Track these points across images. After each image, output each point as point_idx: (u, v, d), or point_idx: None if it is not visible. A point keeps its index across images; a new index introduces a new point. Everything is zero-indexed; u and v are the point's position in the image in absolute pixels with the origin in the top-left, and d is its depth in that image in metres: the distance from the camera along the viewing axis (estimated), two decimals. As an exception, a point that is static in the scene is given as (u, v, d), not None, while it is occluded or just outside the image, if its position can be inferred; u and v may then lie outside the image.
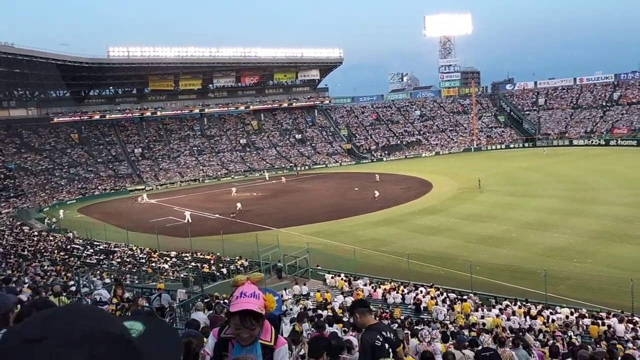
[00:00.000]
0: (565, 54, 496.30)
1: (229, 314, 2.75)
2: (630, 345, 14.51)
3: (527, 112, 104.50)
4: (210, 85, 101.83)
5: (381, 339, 4.27)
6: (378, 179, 61.70)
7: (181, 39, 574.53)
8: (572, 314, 18.42)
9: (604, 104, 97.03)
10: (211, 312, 11.18)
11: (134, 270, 27.79)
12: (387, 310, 18.72)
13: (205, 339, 3.71)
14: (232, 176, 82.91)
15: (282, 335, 3.17)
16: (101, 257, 31.95)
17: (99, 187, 74.73)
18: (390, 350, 4.28)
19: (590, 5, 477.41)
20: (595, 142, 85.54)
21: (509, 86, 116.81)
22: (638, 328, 16.67)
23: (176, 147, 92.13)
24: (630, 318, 17.69)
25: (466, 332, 13.96)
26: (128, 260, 30.97)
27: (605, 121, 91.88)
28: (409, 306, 20.82)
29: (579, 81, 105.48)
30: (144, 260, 30.74)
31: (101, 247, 36.33)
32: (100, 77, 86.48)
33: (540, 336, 15.28)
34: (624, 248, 28.05)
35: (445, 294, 21.83)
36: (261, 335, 2.76)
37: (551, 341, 13.56)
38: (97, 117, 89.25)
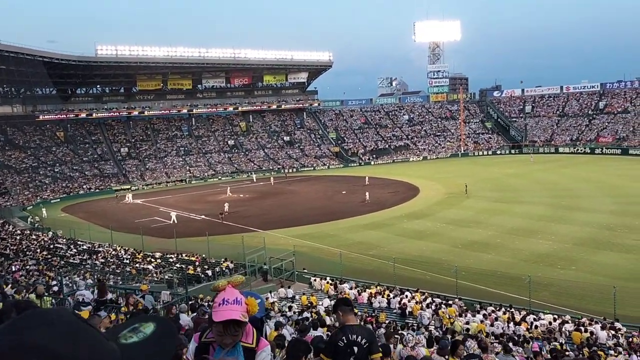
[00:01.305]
0: (552, 62, 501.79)
1: (211, 321, 2.70)
2: (612, 352, 14.63)
3: (514, 119, 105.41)
4: (199, 86, 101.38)
5: (345, 341, 4.12)
6: (368, 182, 61.83)
7: (170, 39, 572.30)
8: (555, 320, 18.55)
9: (590, 112, 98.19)
10: (195, 314, 11.07)
11: (118, 271, 27.50)
12: (373, 315, 18.69)
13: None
14: (220, 177, 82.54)
15: (265, 337, 3.12)
16: (85, 257, 31.58)
17: (84, 186, 73.94)
18: (357, 354, 4.13)
19: (577, 15, 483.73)
20: (581, 150, 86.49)
21: (496, 93, 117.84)
22: (620, 335, 16.83)
23: (163, 147, 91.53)
24: (612, 325, 17.85)
25: (450, 337, 13.97)
26: (112, 260, 30.66)
27: (591, 129, 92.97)
28: (394, 310, 20.82)
29: (565, 89, 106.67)
30: (127, 261, 30.45)
31: (85, 247, 35.91)
32: (88, 76, 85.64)
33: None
34: (607, 255, 28.36)
35: (430, 298, 21.88)
36: (243, 338, 2.71)
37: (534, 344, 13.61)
38: (83, 115, 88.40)
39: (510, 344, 12.48)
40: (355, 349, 4.11)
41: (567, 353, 13.36)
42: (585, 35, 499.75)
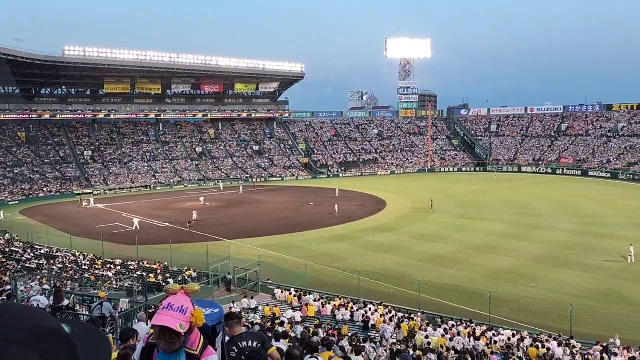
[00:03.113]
0: (518, 84, 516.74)
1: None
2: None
3: (479, 138, 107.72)
4: (168, 91, 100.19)
5: (236, 350, 4.25)
6: (338, 195, 62.03)
7: (141, 43, 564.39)
8: (514, 336, 18.85)
9: (552, 133, 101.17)
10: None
11: (76, 277, 26.71)
12: (336, 327, 18.64)
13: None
14: (186, 185, 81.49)
15: (216, 346, 3.06)
16: (42, 262, 30.59)
17: (44, 189, 71.90)
18: (252, 356, 4.24)
19: (542, 39, 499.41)
20: (543, 170, 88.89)
21: (463, 111, 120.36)
22: (575, 352, 17.21)
23: (128, 151, 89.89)
24: (568, 342, 18.25)
25: (412, 351, 14.05)
26: (70, 266, 29.78)
27: (553, 150, 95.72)
28: (358, 323, 20.82)
29: (529, 110, 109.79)
30: (86, 267, 29.64)
31: (42, 251, 34.82)
32: (54, 76, 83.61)
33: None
34: (565, 273, 29.10)
35: (393, 312, 21.97)
36: (188, 344, 2.65)
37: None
38: (47, 116, 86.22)
39: (469, 358, 12.62)
40: (247, 352, 4.27)
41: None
42: (550, 58, 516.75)
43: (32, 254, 33.11)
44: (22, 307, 1.10)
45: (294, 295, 24.56)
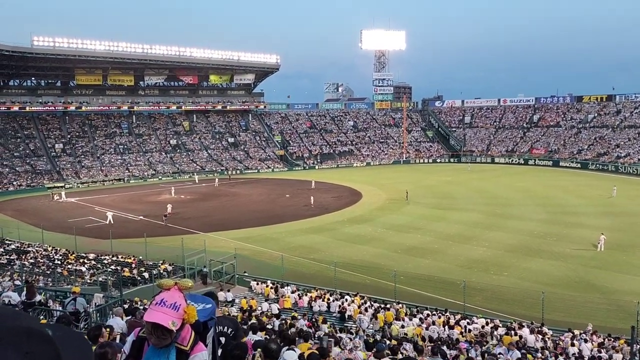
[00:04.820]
0: (491, 75, 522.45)
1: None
2: (539, 354, 15.34)
3: (453, 129, 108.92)
4: (141, 83, 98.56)
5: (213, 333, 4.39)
6: (313, 186, 62.09)
7: (112, 34, 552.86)
8: (487, 324, 19.24)
9: (525, 125, 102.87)
10: (130, 317, 10.73)
11: (48, 272, 26.28)
12: (312, 319, 18.74)
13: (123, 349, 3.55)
14: (160, 177, 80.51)
15: (207, 341, 3.06)
16: (13, 257, 29.97)
17: (14, 183, 70.25)
18: (225, 343, 4.26)
19: (515, 31, 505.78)
20: (516, 161, 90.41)
21: (438, 103, 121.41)
22: (547, 339, 17.66)
23: (101, 144, 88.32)
24: (540, 329, 18.71)
25: (388, 341, 14.23)
26: (42, 261, 29.27)
27: (525, 141, 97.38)
28: (334, 314, 20.98)
29: (502, 102, 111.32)
30: (59, 262, 29.15)
31: (13, 246, 34.10)
32: (22, 67, 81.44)
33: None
34: (537, 262, 29.76)
35: (369, 302, 22.19)
36: (178, 339, 2.66)
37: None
38: (15, 108, 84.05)
39: (444, 347, 12.85)
40: (223, 339, 4.27)
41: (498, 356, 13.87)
42: (522, 50, 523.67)
43: (2, 249, 32.42)
44: (5, 307, 1.13)
45: (271, 288, 24.61)
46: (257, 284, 25.93)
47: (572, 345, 16.52)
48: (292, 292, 23.81)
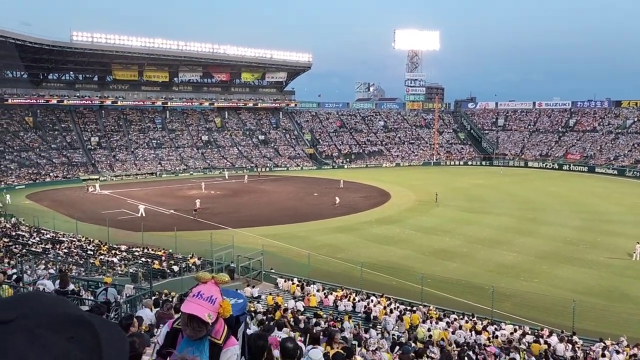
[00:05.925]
0: (526, 78, 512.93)
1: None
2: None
3: (486, 132, 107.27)
4: (175, 79, 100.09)
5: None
6: (342, 186, 62.05)
7: (149, 30, 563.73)
8: (515, 331, 18.89)
9: (560, 129, 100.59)
10: (159, 309, 10.92)
11: (81, 262, 26.91)
12: (338, 318, 18.72)
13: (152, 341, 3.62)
14: (191, 172, 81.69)
15: (238, 336, 3.10)
16: (47, 246, 30.81)
17: (51, 174, 72.25)
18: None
19: (552, 33, 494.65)
20: (550, 166, 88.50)
21: (470, 105, 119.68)
22: (577, 348, 17.23)
23: (135, 138, 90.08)
24: (570, 338, 18.27)
25: (413, 343, 14.12)
26: (75, 251, 29.97)
27: (560, 146, 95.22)
28: (359, 314, 20.92)
29: (537, 105, 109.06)
30: (92, 252, 29.83)
31: (48, 235, 35.04)
32: (61, 61, 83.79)
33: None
34: (569, 269, 29.06)
35: (395, 304, 22.05)
36: (212, 333, 2.71)
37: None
38: (54, 101, 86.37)
39: (470, 353, 12.68)
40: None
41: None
42: (559, 53, 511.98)
43: (38, 238, 33.37)
44: (52, 295, 1.14)
45: (297, 285, 24.69)
46: (284, 281, 26.05)
47: (603, 355, 16.06)
48: (318, 291, 23.85)
